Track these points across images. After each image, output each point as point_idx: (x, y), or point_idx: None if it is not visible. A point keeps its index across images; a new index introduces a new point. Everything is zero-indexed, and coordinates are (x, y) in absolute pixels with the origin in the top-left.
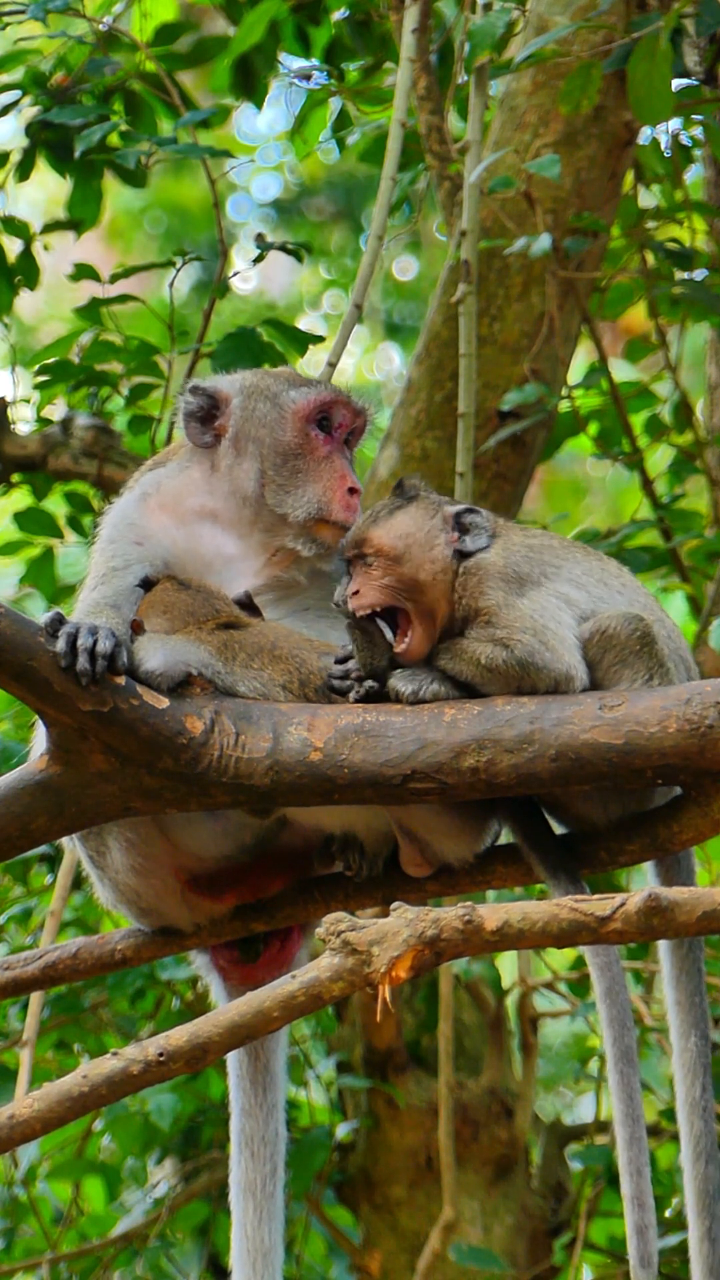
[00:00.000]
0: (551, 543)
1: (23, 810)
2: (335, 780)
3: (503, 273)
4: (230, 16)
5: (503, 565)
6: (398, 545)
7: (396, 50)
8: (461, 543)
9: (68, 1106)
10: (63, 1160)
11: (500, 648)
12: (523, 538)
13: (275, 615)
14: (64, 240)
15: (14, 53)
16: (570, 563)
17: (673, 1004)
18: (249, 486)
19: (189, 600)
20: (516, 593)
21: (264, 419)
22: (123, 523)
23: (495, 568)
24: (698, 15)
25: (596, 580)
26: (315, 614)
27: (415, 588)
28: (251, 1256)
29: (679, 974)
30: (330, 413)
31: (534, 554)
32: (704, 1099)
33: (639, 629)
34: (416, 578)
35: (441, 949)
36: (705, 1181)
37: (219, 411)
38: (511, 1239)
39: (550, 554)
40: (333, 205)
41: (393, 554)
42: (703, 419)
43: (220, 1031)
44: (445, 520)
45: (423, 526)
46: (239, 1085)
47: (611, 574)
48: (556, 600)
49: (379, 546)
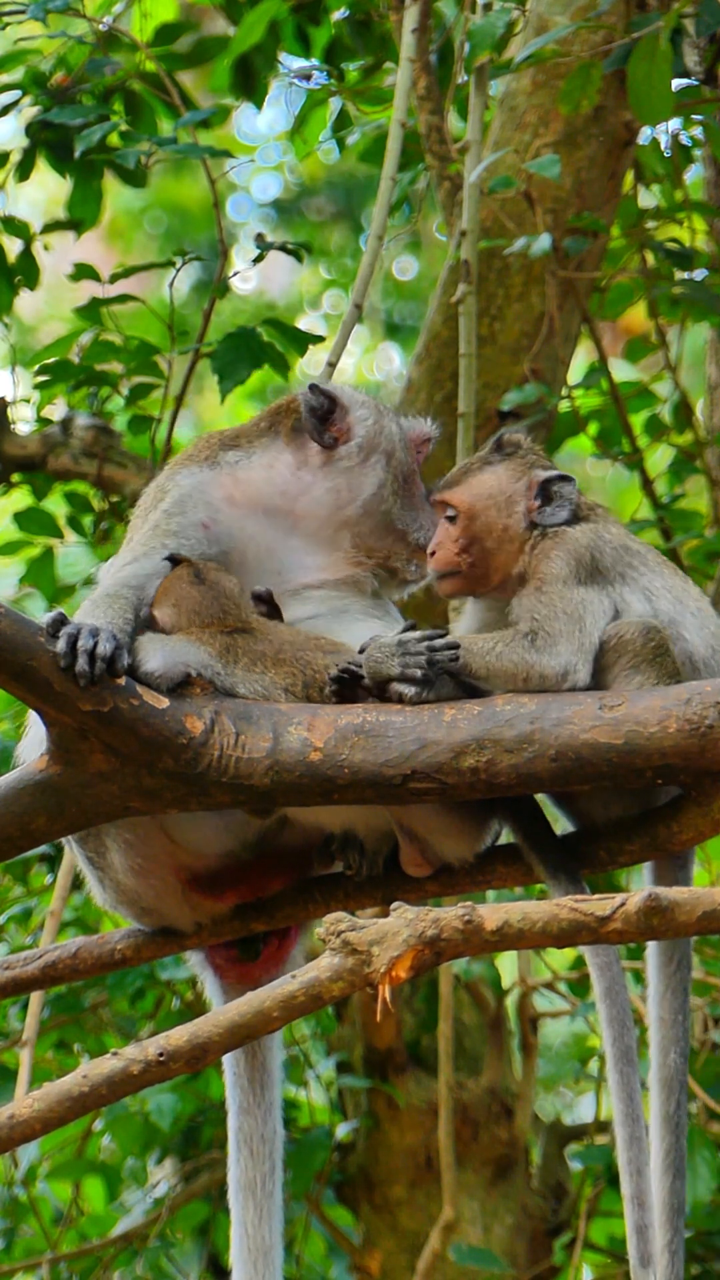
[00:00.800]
0: (646, 552)
1: (23, 810)
2: (335, 780)
3: (503, 273)
4: (230, 16)
5: (585, 546)
6: (475, 505)
7: (396, 50)
8: (540, 513)
9: (68, 1106)
10: (63, 1160)
11: (524, 638)
12: (620, 533)
13: (311, 611)
14: (64, 240)
15: (14, 53)
16: (653, 575)
17: (655, 1019)
18: (366, 491)
19: (197, 597)
20: (579, 578)
21: (392, 437)
22: (199, 496)
23: (577, 545)
24: (698, 15)
25: (673, 599)
26: (351, 617)
27: (482, 549)
28: (251, 1255)
29: (665, 991)
30: (424, 447)
31: (624, 553)
32: (677, 1114)
33: (654, 639)
34: (484, 541)
35: (441, 949)
36: (671, 1195)
37: (336, 415)
38: (511, 1239)
39: (638, 560)
40: (333, 205)
41: (469, 513)
42: (703, 419)
43: (220, 1031)
44: (530, 486)
45: (504, 490)
46: (236, 1084)
47: (691, 596)
48: (610, 604)
49: (457, 503)
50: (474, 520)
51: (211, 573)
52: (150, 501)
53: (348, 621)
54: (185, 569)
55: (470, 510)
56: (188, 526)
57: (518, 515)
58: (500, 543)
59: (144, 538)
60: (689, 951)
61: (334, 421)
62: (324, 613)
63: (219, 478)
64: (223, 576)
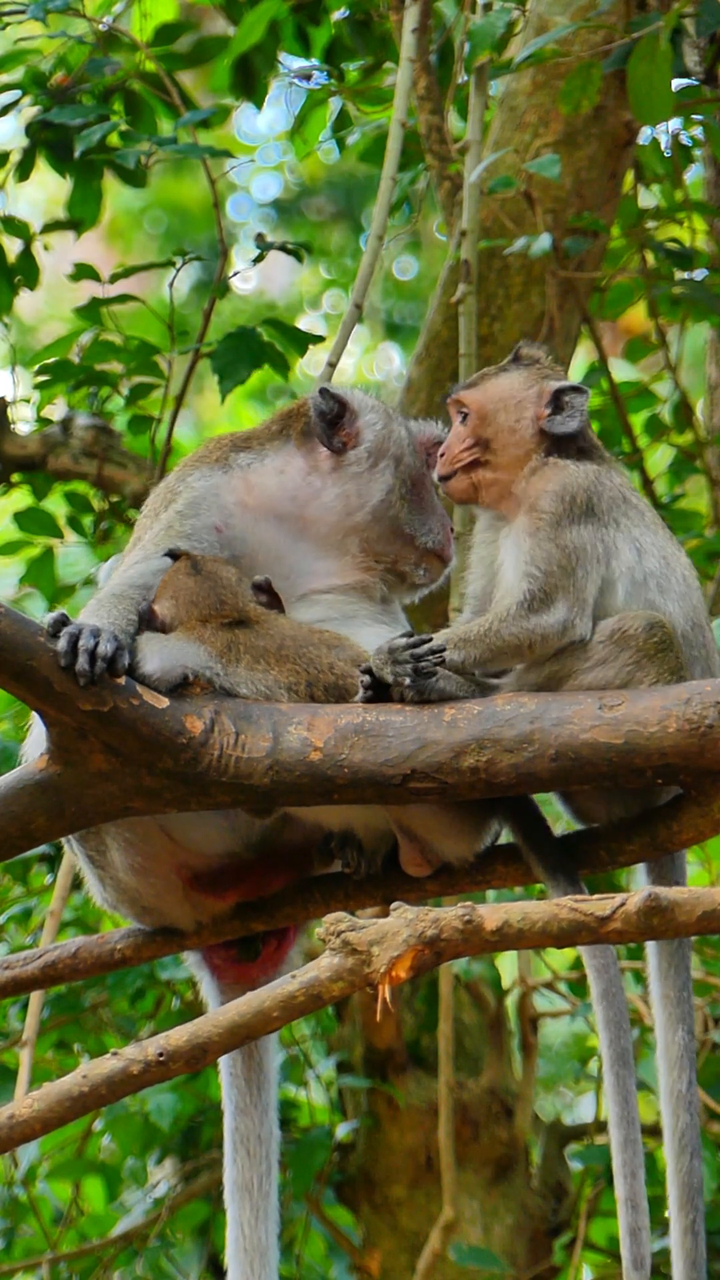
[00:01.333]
0: (645, 509)
1: (23, 810)
2: (335, 780)
3: (503, 273)
4: (230, 16)
5: (583, 485)
6: (486, 406)
7: (396, 50)
8: (550, 421)
9: (68, 1106)
10: (63, 1160)
11: (516, 604)
12: (622, 483)
13: (319, 615)
14: (64, 240)
15: (14, 53)
16: (647, 531)
17: (659, 998)
18: (375, 496)
19: (194, 588)
20: (572, 518)
21: (401, 441)
22: (213, 499)
23: (575, 482)
24: (698, 15)
25: (660, 556)
26: (360, 622)
27: (489, 450)
28: (248, 1256)
29: (668, 969)
30: (434, 451)
31: (619, 502)
32: (689, 1093)
33: (658, 633)
34: (493, 442)
35: (441, 949)
36: (689, 1175)
37: (345, 420)
38: (511, 1239)
39: (635, 513)
40: (333, 205)
41: (480, 413)
42: (703, 419)
43: (220, 1031)
44: (542, 395)
45: (516, 394)
46: (233, 1085)
47: (681, 564)
48: (602, 546)
49: (469, 402)
50: (484, 421)
51: (209, 564)
52: (161, 502)
53: (355, 627)
54: (183, 561)
55: (481, 410)
56: (201, 529)
57: (527, 420)
58: (507, 446)
59: (155, 537)
60: None
61: (343, 426)
62: (333, 617)
63: (231, 481)
64: (220, 567)
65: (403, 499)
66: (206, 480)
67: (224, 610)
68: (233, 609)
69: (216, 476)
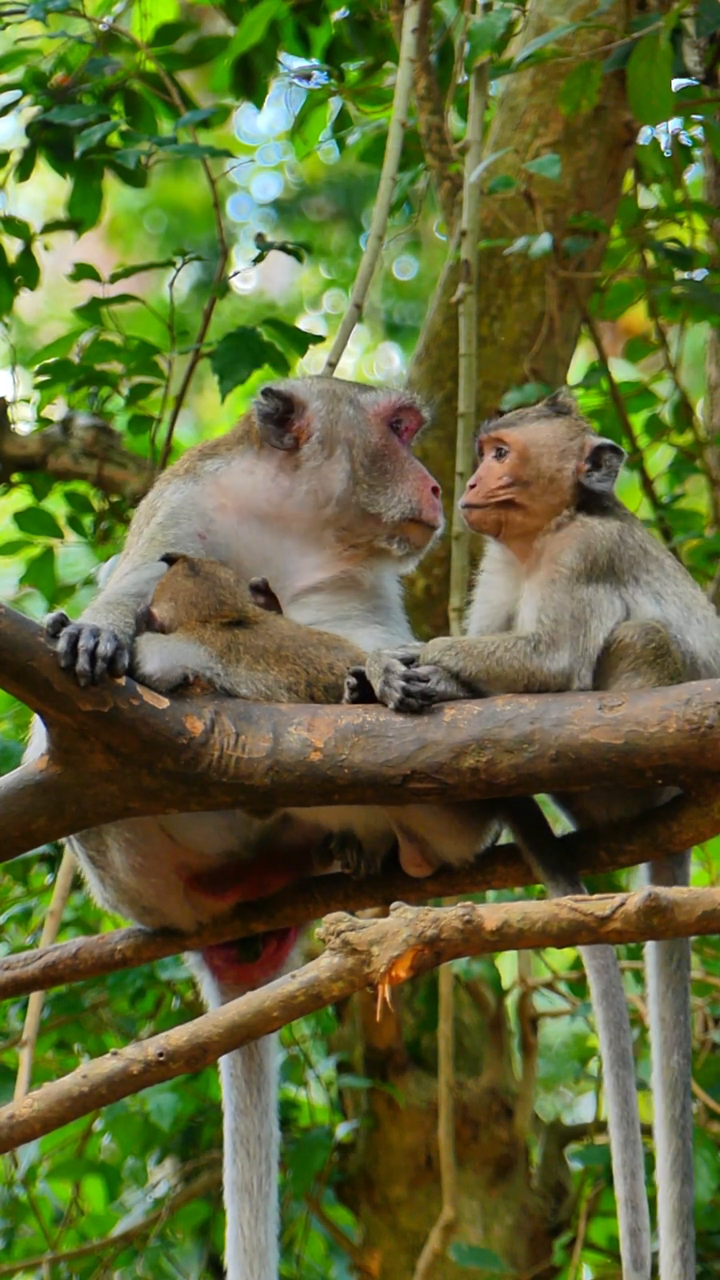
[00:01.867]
0: (661, 558)
1: (23, 810)
2: (335, 780)
3: (503, 273)
4: (230, 16)
5: (605, 544)
6: (530, 449)
7: (396, 50)
8: (588, 477)
9: (68, 1106)
10: (63, 1160)
11: (524, 642)
12: (643, 536)
13: (311, 618)
14: (64, 240)
15: (14, 53)
16: (666, 581)
17: (656, 1019)
18: (337, 486)
19: (193, 589)
20: (593, 577)
21: (350, 421)
22: (191, 508)
23: (600, 541)
24: (698, 15)
25: (682, 604)
26: (353, 624)
27: (526, 493)
28: (248, 1256)
29: (665, 990)
30: (403, 415)
31: (642, 558)
32: (683, 1118)
33: (654, 640)
34: (531, 486)
35: (441, 949)
36: (680, 1201)
37: (294, 414)
38: (511, 1239)
39: (655, 565)
40: (333, 205)
41: (524, 455)
42: (703, 419)
43: (220, 1031)
44: (584, 448)
45: (560, 443)
46: (233, 1085)
47: (700, 604)
48: (620, 604)
49: (515, 442)
50: (526, 462)
51: (207, 565)
52: (143, 518)
53: (349, 629)
54: (181, 564)
55: (524, 451)
56: (183, 538)
57: (568, 471)
58: (544, 491)
59: (141, 550)
60: (688, 950)
61: (294, 421)
62: (326, 619)
63: (204, 488)
64: (218, 568)
65: (363, 481)
66: (180, 492)
67: (223, 611)
68: (232, 609)
69: (188, 486)
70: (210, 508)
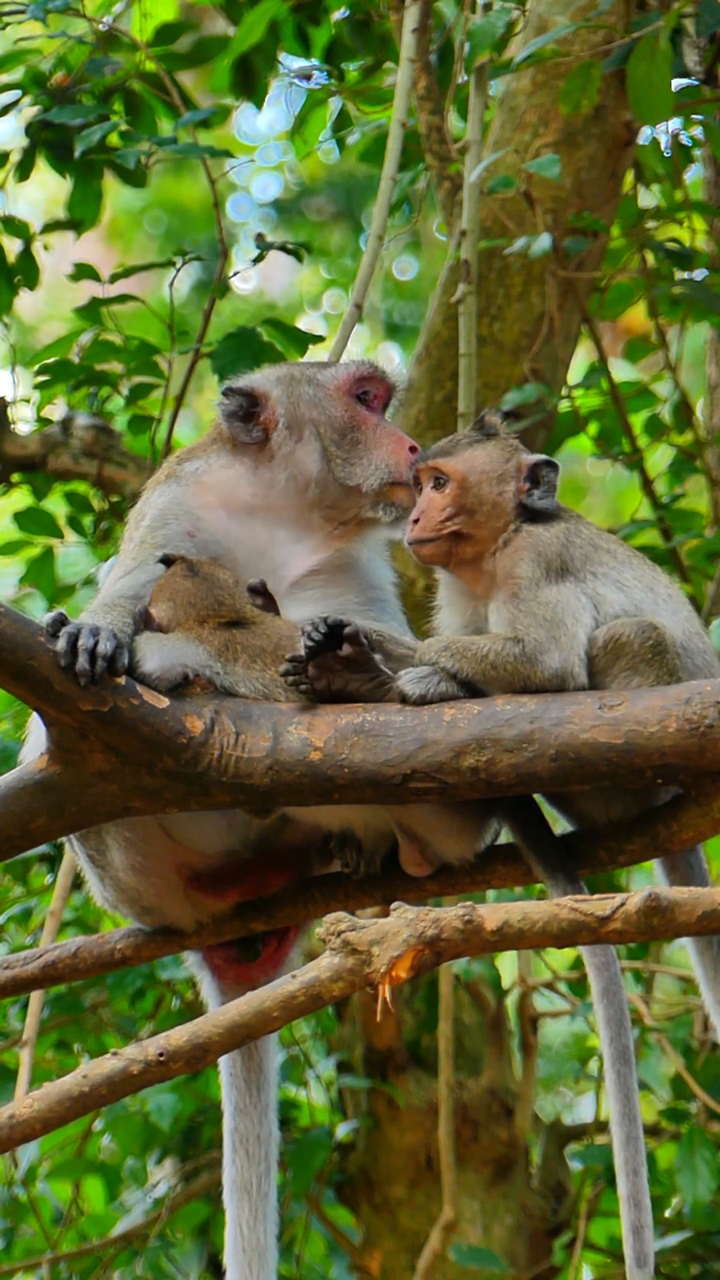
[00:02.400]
0: (616, 547)
1: (23, 810)
2: (335, 780)
3: (503, 273)
4: (230, 16)
5: (554, 547)
6: (469, 476)
7: (396, 50)
8: (529, 496)
9: (68, 1106)
10: (63, 1160)
11: (512, 643)
12: (591, 532)
13: (309, 611)
14: (64, 240)
15: (14, 53)
16: (624, 567)
17: (715, 1004)
18: (313, 468)
19: (192, 589)
20: (551, 578)
21: (312, 400)
22: (178, 509)
23: (547, 546)
24: (698, 15)
25: (644, 587)
26: (350, 615)
27: (470, 521)
28: (247, 1256)
29: (715, 974)
30: (366, 385)
31: (593, 550)
32: None
33: (652, 637)
34: (475, 513)
35: (441, 949)
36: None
37: (259, 408)
38: (511, 1239)
39: (609, 555)
40: (333, 205)
41: (464, 484)
42: (703, 419)
43: (220, 1031)
44: (520, 468)
45: (497, 467)
46: (233, 1085)
47: (661, 584)
48: (585, 599)
49: (453, 472)
50: (467, 491)
51: (205, 566)
52: (133, 525)
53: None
54: (179, 565)
55: (464, 480)
56: (173, 538)
57: (508, 494)
58: (488, 517)
59: (133, 553)
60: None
61: (259, 414)
62: (322, 612)
63: (189, 489)
64: (217, 569)
65: (336, 456)
66: (165, 495)
67: (222, 611)
68: (231, 610)
69: (173, 489)
70: (196, 506)
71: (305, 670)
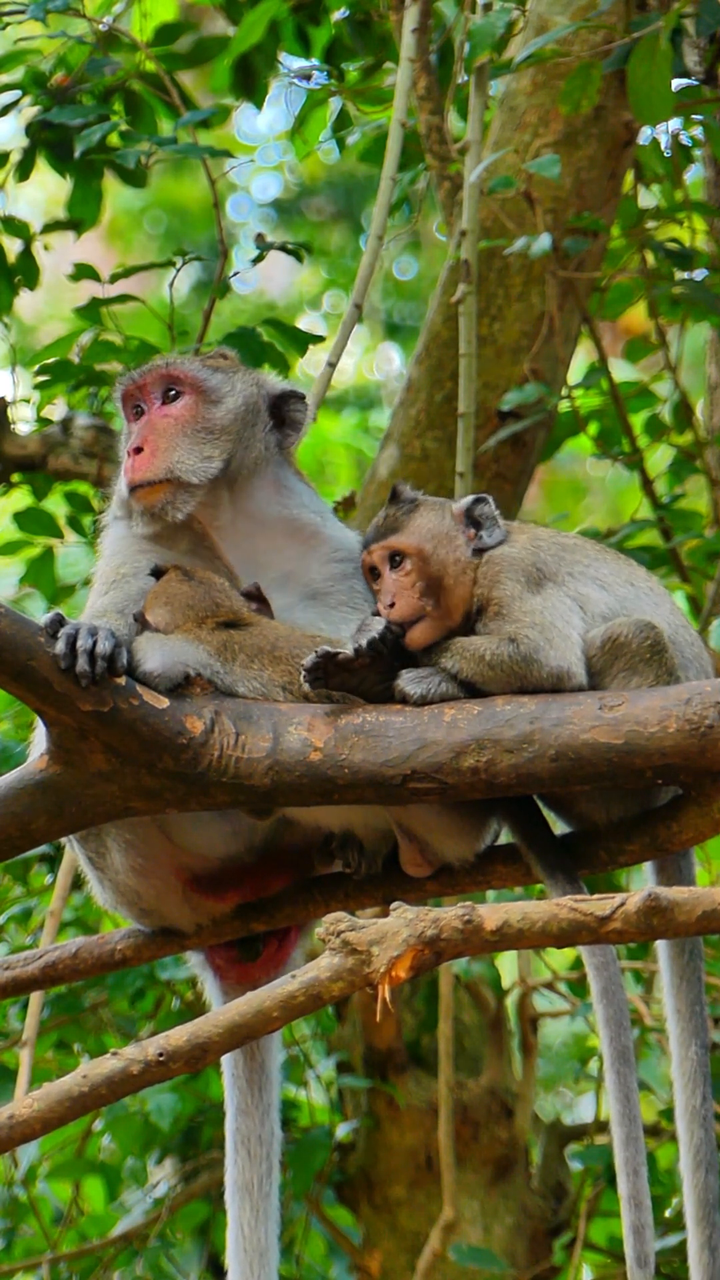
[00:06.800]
0: (583, 544)
1: (23, 810)
2: (335, 780)
3: (503, 273)
4: (230, 16)
5: (526, 560)
6: (424, 546)
7: (396, 50)
8: (479, 539)
9: (68, 1106)
10: (63, 1160)
11: (507, 643)
12: (552, 535)
13: (285, 601)
14: (64, 240)
15: (14, 53)
16: (599, 564)
17: (672, 1011)
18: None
19: (189, 592)
20: (532, 588)
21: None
22: (127, 532)
23: (518, 561)
24: (698, 15)
25: (624, 581)
26: (330, 604)
27: (441, 589)
28: (248, 1256)
29: (679, 982)
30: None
31: (563, 552)
32: (704, 1108)
33: (650, 636)
34: (443, 579)
35: (441, 949)
36: (705, 1190)
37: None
38: (511, 1239)
39: (579, 554)
40: (333, 205)
41: (420, 554)
42: (703, 419)
43: (220, 1031)
44: (456, 518)
45: (441, 527)
46: (235, 1085)
47: (640, 578)
48: (571, 600)
49: (408, 547)
50: (428, 560)
51: (200, 570)
52: (100, 540)
53: (323, 609)
54: (173, 572)
55: (421, 550)
56: (132, 558)
57: (461, 546)
58: (457, 577)
59: (104, 576)
60: (699, 942)
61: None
62: (294, 603)
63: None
64: (210, 573)
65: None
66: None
67: (219, 612)
68: (228, 611)
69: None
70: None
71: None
